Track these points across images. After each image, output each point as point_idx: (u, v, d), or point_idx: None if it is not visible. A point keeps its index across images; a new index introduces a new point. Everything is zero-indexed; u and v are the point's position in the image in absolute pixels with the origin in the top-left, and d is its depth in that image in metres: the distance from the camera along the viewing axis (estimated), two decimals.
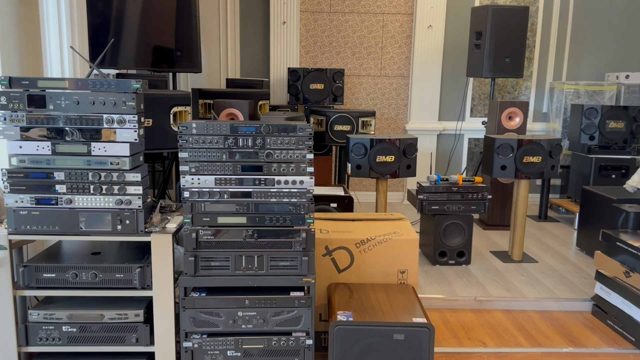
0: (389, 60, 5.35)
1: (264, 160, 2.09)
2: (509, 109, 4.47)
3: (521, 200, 3.78)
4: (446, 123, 5.39)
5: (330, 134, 4.56)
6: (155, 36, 4.04)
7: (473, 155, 5.47)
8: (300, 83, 4.85)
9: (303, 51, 5.31)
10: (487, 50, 4.65)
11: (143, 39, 3.96)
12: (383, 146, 3.62)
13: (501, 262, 3.84)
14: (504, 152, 3.69)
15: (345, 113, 4.53)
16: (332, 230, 2.70)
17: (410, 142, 3.67)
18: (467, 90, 5.37)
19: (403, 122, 5.45)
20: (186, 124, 2.05)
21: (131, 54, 3.93)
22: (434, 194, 3.66)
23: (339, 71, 4.84)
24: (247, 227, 2.11)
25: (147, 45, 4.01)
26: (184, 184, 2.08)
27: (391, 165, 3.64)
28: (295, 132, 2.08)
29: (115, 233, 2.11)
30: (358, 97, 5.40)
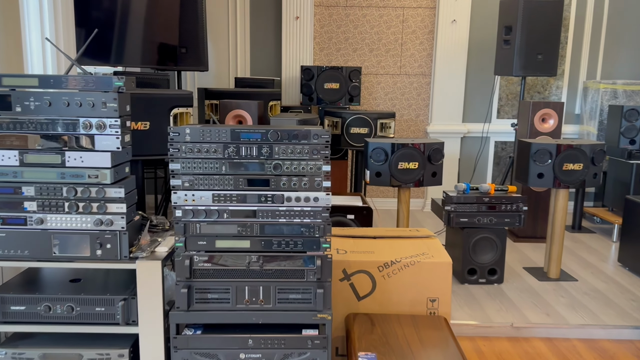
0: (409, 58, 4.98)
1: (272, 172, 1.73)
2: (542, 111, 4.08)
3: (559, 212, 3.39)
4: (471, 125, 5.00)
5: (346, 137, 4.20)
6: (156, 31, 3.71)
7: (500, 160, 5.07)
8: (314, 82, 4.49)
9: (317, 48, 4.95)
10: (518, 46, 4.26)
11: (143, 35, 3.62)
12: (406, 151, 3.25)
13: (537, 280, 3.45)
14: (541, 159, 3.31)
15: (362, 114, 4.16)
16: (350, 251, 2.34)
17: (436, 147, 3.29)
18: (494, 89, 4.98)
19: (424, 124, 5.07)
20: (178, 129, 1.70)
21: (132, 50, 3.60)
22: (462, 205, 3.28)
23: (355, 69, 4.48)
24: (251, 253, 1.76)
25: (148, 42, 3.67)
26: (176, 201, 1.73)
27: (415, 172, 3.27)
28: (308, 139, 1.72)
29: (94, 259, 1.77)
30: (376, 97, 5.04)
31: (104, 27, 3.44)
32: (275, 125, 3.46)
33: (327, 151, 1.73)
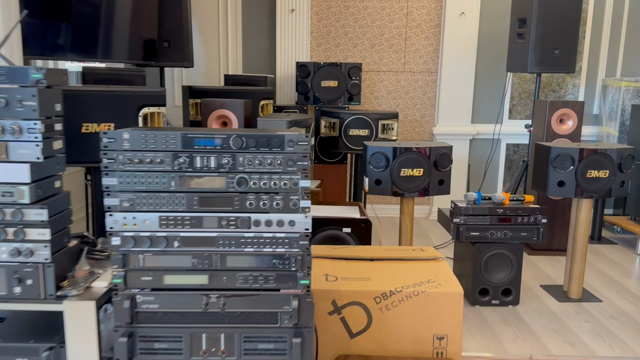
0: (414, 54, 4.57)
1: (235, 189, 1.34)
2: (560, 111, 3.67)
3: (582, 225, 2.98)
4: (481, 126, 4.59)
5: (344, 140, 3.80)
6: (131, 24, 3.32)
7: (512, 164, 4.66)
8: (311, 80, 4.10)
9: (314, 43, 4.55)
10: (533, 40, 3.84)
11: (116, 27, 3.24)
12: (409, 156, 2.85)
13: (556, 301, 3.04)
14: (562, 165, 2.90)
15: (362, 115, 3.77)
16: (342, 277, 1.94)
17: (444, 152, 2.89)
18: (506, 87, 4.56)
19: (430, 125, 4.67)
20: (114, 133, 1.32)
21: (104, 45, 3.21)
22: (473, 218, 2.88)
23: (355, 66, 4.09)
24: (209, 291, 1.37)
25: (122, 35, 3.29)
26: (112, 226, 1.34)
27: (419, 180, 2.87)
28: (282, 147, 1.33)
29: (11, 299, 1.38)
30: (378, 96, 4.63)
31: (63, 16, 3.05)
32: (264, 125, 3.06)
33: (306, 162, 1.34)
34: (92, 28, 3.07)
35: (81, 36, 3.01)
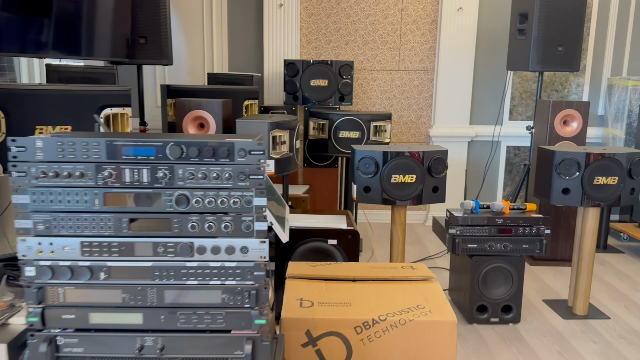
0: (409, 51, 4.32)
1: (174, 209, 1.09)
2: (564, 111, 3.41)
3: (588, 236, 2.73)
4: (479, 127, 4.34)
5: (334, 142, 3.55)
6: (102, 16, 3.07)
7: (512, 167, 4.40)
8: (299, 79, 3.84)
9: (304, 40, 4.30)
10: (535, 36, 3.59)
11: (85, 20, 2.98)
12: (401, 161, 2.60)
13: (560, 318, 2.78)
14: (566, 170, 2.64)
15: (352, 116, 3.51)
16: (319, 302, 1.69)
17: (438, 157, 2.64)
18: (506, 87, 4.30)
19: (426, 127, 4.41)
20: (25, 140, 1.06)
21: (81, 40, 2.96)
22: (470, 228, 2.62)
23: (346, 64, 3.83)
24: (144, 333, 1.12)
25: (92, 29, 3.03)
26: (25, 253, 1.09)
27: (412, 187, 2.62)
28: (232, 157, 1.08)
29: None
30: (371, 96, 4.38)
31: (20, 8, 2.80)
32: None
33: (261, 175, 1.09)
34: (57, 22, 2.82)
35: (44, 31, 2.76)
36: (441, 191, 2.69)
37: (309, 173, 4.04)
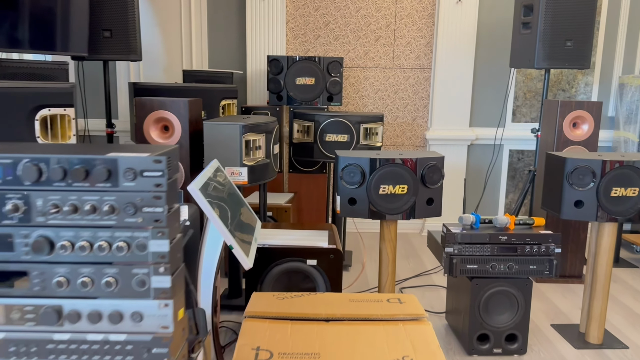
0: (404, 47, 3.96)
1: (29, 258, 0.74)
2: (574, 113, 3.05)
3: (604, 254, 2.37)
4: (480, 130, 3.98)
5: (320, 146, 3.19)
6: (61, 5, 2.71)
7: (515, 173, 4.04)
8: (284, 77, 3.49)
9: (290, 35, 3.94)
10: (541, 30, 3.23)
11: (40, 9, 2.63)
12: (390, 170, 2.24)
13: (572, 347, 2.42)
14: (580, 181, 2.29)
15: (340, 117, 3.15)
16: (280, 352, 1.33)
17: (433, 164, 2.28)
18: (510, 85, 3.94)
19: (422, 129, 4.05)
20: None
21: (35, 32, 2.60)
22: (470, 247, 2.27)
23: (335, 60, 3.47)
24: None
25: (49, 20, 2.67)
26: None
27: (403, 199, 2.27)
28: (115, 181, 0.72)
29: None
30: (363, 95, 4.02)
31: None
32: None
33: (160, 208, 0.73)
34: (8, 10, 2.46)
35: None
36: (437, 204, 2.33)
37: (295, 179, 3.68)
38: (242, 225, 1.87)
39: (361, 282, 3.10)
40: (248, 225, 1.97)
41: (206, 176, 1.77)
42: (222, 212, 1.72)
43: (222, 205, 1.76)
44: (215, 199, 1.72)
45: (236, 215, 1.88)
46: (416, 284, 3.08)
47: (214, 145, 2.41)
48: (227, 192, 1.93)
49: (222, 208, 1.75)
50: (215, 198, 1.73)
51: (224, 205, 1.79)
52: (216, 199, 1.74)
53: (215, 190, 1.80)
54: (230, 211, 1.80)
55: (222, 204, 1.77)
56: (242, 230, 1.85)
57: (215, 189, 1.80)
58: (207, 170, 1.86)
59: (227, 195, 1.89)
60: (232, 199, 1.93)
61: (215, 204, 1.69)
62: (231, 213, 1.81)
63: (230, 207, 1.83)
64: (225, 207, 1.78)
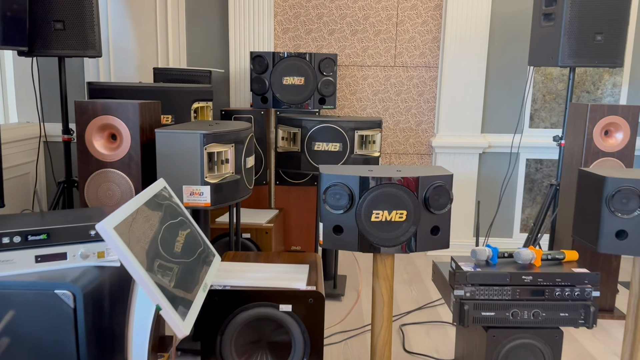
0: (407, 43, 3.48)
1: None
2: (606, 119, 2.57)
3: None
4: (494, 136, 3.49)
5: (307, 157, 2.73)
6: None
7: (533, 185, 3.55)
8: (269, 76, 3.03)
9: (279, 29, 3.48)
10: (567, 22, 2.74)
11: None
12: (386, 191, 1.77)
13: None
14: (623, 206, 1.81)
15: (331, 123, 2.69)
16: None
17: (439, 184, 1.81)
18: (528, 87, 3.45)
19: (428, 136, 3.57)
20: None
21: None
22: (486, 289, 1.79)
23: (328, 57, 3.01)
24: None
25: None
26: None
27: (401, 227, 1.80)
28: None
29: None
30: (360, 97, 3.55)
31: None
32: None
33: None
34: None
35: None
36: (443, 233, 1.86)
37: (282, 193, 3.22)
38: (187, 272, 1.41)
39: (355, 316, 2.63)
40: (195, 265, 1.50)
41: (135, 206, 1.31)
42: (152, 257, 1.25)
43: (156, 250, 1.30)
44: (145, 239, 1.26)
45: (180, 258, 1.41)
46: (419, 319, 2.61)
47: (168, 159, 1.95)
48: (170, 223, 1.46)
49: (155, 252, 1.29)
50: (146, 237, 1.26)
51: (159, 249, 1.32)
52: (148, 239, 1.27)
53: (149, 223, 1.34)
54: (168, 254, 1.33)
55: (157, 249, 1.30)
56: (185, 278, 1.39)
57: (148, 221, 1.34)
58: (142, 196, 1.40)
59: (168, 229, 1.43)
60: (171, 232, 1.46)
61: (143, 247, 1.23)
62: (170, 255, 1.34)
63: (167, 248, 1.36)
64: (160, 252, 1.32)
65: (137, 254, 1.21)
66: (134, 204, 1.34)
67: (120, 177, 2.04)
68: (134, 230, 1.25)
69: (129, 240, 1.21)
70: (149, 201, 1.43)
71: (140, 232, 1.28)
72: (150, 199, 1.45)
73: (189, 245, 1.53)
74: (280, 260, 2.04)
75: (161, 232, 1.38)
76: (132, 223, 1.27)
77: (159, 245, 1.33)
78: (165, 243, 1.37)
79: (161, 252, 1.32)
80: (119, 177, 2.05)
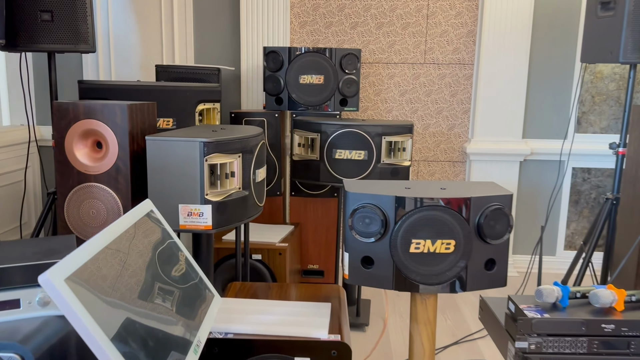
0: (439, 38, 3.10)
1: None
2: None
3: None
4: (536, 142, 3.09)
5: (327, 166, 2.36)
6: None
7: (579, 197, 3.14)
8: (284, 74, 2.67)
9: (296, 23, 3.12)
10: (630, 11, 2.34)
11: None
12: (429, 215, 1.41)
13: None
14: None
15: (355, 127, 2.32)
16: None
17: (496, 207, 1.43)
18: (578, 86, 3.05)
19: (462, 141, 3.19)
20: None
21: None
22: (556, 341, 1.41)
23: (350, 53, 2.64)
24: None
25: None
26: None
27: (447, 261, 1.43)
28: None
29: None
30: (386, 98, 3.17)
31: None
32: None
33: None
34: None
35: None
36: (500, 268, 1.48)
37: (298, 204, 2.86)
38: (172, 328, 1.05)
39: (382, 351, 2.26)
40: (184, 323, 1.14)
41: (102, 242, 0.95)
42: (125, 320, 0.89)
43: (133, 306, 0.94)
44: (117, 291, 0.90)
45: (164, 314, 1.05)
46: (457, 357, 2.23)
47: (161, 172, 1.60)
48: (157, 262, 1.10)
49: (130, 310, 0.93)
50: (117, 288, 0.90)
51: (137, 302, 0.97)
52: (120, 290, 0.92)
53: (124, 266, 0.98)
54: (150, 309, 0.97)
55: (133, 303, 0.94)
56: (165, 342, 1.03)
57: (123, 264, 0.98)
58: (114, 228, 1.04)
59: (151, 270, 1.07)
60: (156, 275, 1.10)
61: (110, 304, 0.87)
62: (152, 310, 0.98)
63: (149, 298, 1.00)
64: (136, 309, 0.96)
65: (101, 315, 0.86)
66: (101, 239, 0.99)
67: (106, 194, 1.70)
68: (99, 280, 0.90)
69: (90, 297, 0.85)
70: (125, 233, 1.08)
71: (109, 282, 0.92)
72: (129, 229, 1.10)
73: (180, 289, 1.17)
74: (297, 294, 1.68)
75: (144, 277, 1.03)
76: (98, 268, 0.91)
77: (138, 296, 0.98)
78: (146, 292, 1.01)
79: (139, 309, 0.96)
80: (104, 193, 1.70)
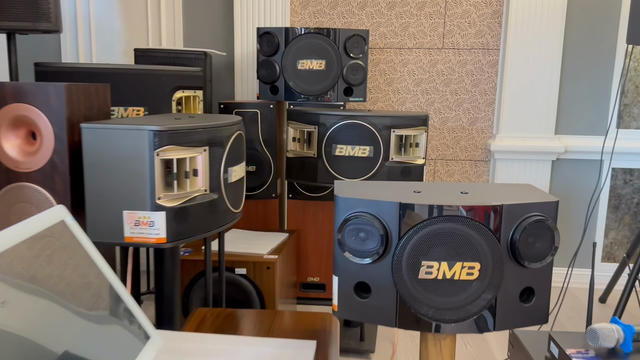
0: (459, 19, 2.71)
1: None
2: None
3: None
4: (571, 139, 2.69)
5: (326, 163, 2.00)
6: None
7: (620, 201, 2.73)
8: (280, 58, 2.31)
9: (296, 3, 2.76)
10: None
11: None
12: (445, 228, 1.03)
13: None
14: None
15: (357, 119, 1.95)
16: None
17: (537, 219, 1.04)
18: (624, 72, 2.63)
19: (485, 137, 2.79)
20: None
21: None
22: None
23: (356, 34, 2.27)
24: None
25: None
26: None
27: (470, 289, 1.05)
28: None
29: None
30: (398, 88, 2.79)
31: None
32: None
33: None
34: None
35: None
36: (541, 300, 1.10)
37: (297, 208, 2.50)
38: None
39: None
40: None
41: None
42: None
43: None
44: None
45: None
46: None
47: (101, 169, 1.25)
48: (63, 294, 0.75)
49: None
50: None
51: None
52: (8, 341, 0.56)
53: (14, 304, 0.63)
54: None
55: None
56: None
57: (16, 300, 0.63)
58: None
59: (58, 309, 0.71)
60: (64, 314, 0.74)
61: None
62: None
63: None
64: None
65: None
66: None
67: (40, 196, 1.36)
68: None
69: None
70: (5, 254, 0.72)
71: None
72: (18, 245, 0.74)
73: (88, 335, 0.81)
74: (277, 326, 1.31)
75: (38, 320, 0.67)
76: None
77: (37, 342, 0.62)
78: (48, 334, 0.66)
79: None
80: (37, 195, 1.36)
